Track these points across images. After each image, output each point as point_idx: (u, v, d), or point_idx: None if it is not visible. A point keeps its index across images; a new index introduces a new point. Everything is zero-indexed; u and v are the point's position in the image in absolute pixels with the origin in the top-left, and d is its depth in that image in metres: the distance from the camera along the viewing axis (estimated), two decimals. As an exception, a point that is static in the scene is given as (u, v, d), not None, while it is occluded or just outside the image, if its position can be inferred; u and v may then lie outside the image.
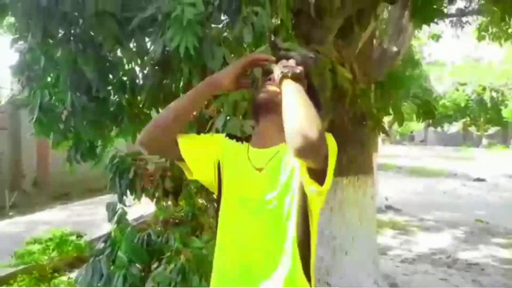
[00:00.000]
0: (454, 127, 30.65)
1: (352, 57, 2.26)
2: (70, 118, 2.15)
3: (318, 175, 1.00)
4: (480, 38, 7.66)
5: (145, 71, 2.23)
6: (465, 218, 6.58)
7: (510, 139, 26.37)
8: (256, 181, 1.10)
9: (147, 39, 1.83)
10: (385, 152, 16.08)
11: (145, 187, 2.68)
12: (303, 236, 1.06)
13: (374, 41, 2.98)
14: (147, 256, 2.22)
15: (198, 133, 2.03)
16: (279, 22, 1.76)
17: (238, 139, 1.22)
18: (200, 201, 2.55)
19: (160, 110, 2.78)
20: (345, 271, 3.09)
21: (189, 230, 2.18)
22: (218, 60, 1.59)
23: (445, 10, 5.58)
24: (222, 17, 1.78)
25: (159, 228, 2.53)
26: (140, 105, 2.51)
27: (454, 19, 7.73)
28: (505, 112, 25.30)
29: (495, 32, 7.29)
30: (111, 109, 2.37)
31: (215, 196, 1.24)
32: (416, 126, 24.28)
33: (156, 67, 2.08)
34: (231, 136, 1.24)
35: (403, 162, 15.78)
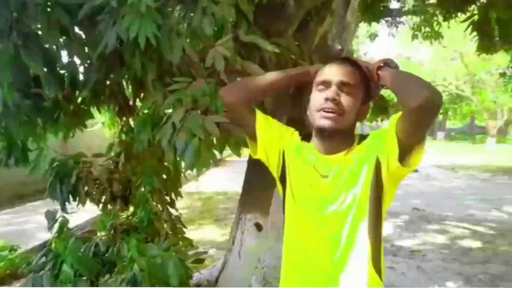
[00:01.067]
0: (387, 122, 32.62)
1: (311, 52, 2.23)
2: (1, 119, 1.87)
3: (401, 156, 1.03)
4: (414, 37, 8.17)
5: (88, 65, 2.02)
6: (403, 207, 6.98)
7: (436, 131, 28.69)
8: (321, 187, 1.13)
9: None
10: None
11: (89, 192, 2.46)
12: (374, 236, 1.09)
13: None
14: (96, 268, 2.01)
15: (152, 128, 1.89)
16: (239, 14, 1.66)
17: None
18: (154, 203, 2.38)
19: (102, 108, 2.57)
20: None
21: (143, 237, 2.01)
22: (177, 52, 1.45)
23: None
24: (179, 7, 1.64)
25: (107, 237, 2.33)
26: (79, 101, 2.28)
27: (390, 18, 8.16)
28: (431, 107, 27.43)
29: (427, 31, 7.79)
30: (45, 105, 2.11)
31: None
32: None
33: (102, 61, 1.87)
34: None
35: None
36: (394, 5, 7.49)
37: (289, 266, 1.20)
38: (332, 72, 1.12)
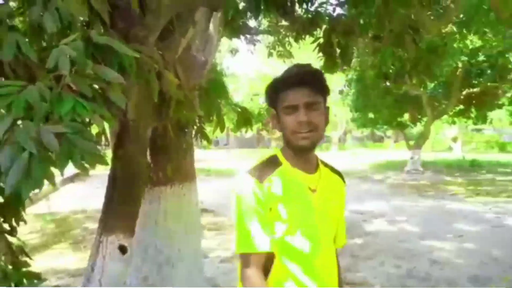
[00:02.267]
0: (250, 132, 34.76)
1: (174, 62, 2.16)
2: None
3: None
4: (269, 55, 8.93)
5: None
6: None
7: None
8: (312, 200, 1.28)
9: None
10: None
11: None
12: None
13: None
14: None
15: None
16: (93, 13, 1.49)
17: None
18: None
19: None
20: (172, 285, 2.95)
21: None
22: (9, 49, 1.20)
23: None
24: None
25: None
26: None
27: (248, 36, 8.73)
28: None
29: (281, 51, 8.62)
30: None
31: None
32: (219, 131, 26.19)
33: None
34: None
35: (211, 166, 16.79)
36: (251, 23, 8.03)
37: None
38: (298, 96, 1.22)
